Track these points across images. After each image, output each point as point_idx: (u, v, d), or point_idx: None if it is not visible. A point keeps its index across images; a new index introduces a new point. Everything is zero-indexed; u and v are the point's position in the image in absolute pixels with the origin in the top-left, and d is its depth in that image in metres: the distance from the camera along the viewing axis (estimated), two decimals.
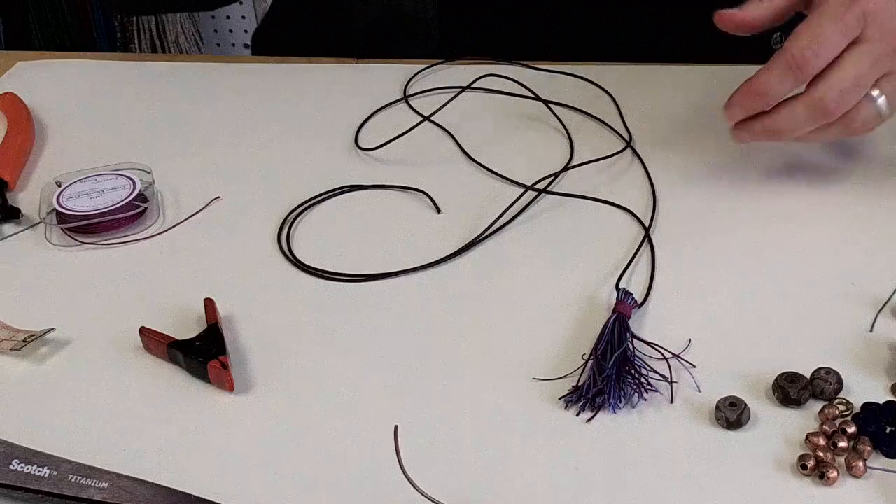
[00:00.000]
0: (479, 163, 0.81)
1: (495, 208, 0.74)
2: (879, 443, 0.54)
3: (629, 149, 0.82)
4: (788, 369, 0.59)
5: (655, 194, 0.76)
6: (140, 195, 0.76)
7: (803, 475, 0.53)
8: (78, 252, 0.73)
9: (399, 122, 0.85)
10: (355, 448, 0.56)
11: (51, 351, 0.64)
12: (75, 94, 0.94)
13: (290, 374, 0.62)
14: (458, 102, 0.86)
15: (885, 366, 0.60)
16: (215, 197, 0.78)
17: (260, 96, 0.91)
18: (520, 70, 0.92)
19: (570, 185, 0.78)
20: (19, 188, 0.81)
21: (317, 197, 0.78)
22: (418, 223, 0.75)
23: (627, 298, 0.63)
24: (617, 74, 0.91)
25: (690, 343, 0.62)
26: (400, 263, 0.70)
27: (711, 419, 0.57)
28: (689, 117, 0.86)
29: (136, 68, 0.98)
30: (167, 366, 0.63)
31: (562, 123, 0.85)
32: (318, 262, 0.71)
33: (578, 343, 0.62)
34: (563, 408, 0.58)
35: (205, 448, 0.57)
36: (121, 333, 0.65)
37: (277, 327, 0.65)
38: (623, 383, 0.58)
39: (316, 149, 0.84)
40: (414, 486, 0.50)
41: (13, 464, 0.54)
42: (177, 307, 0.67)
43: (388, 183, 0.79)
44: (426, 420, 0.58)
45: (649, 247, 0.71)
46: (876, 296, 0.65)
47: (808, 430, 0.56)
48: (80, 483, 0.53)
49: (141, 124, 0.89)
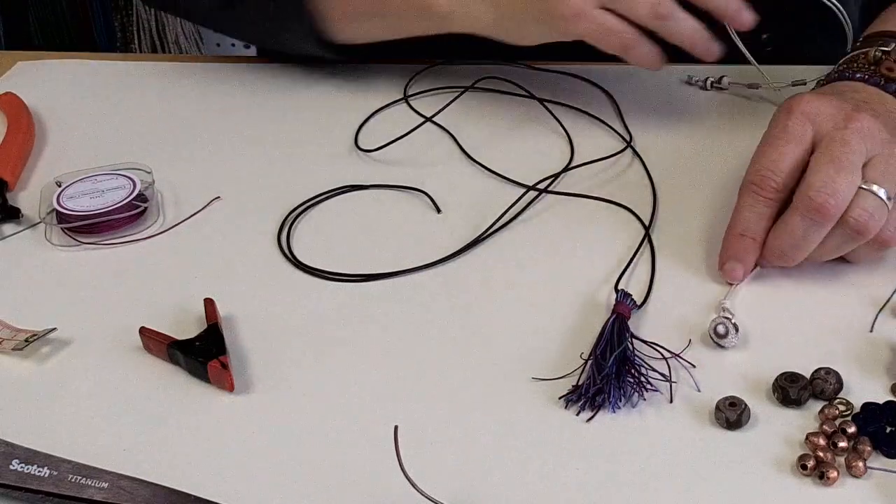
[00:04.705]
0: (479, 163, 0.81)
1: (495, 208, 0.74)
2: (879, 443, 0.54)
3: (629, 149, 0.82)
4: (788, 369, 0.59)
5: (655, 194, 0.76)
6: (140, 195, 0.76)
7: (803, 475, 0.53)
8: (78, 252, 0.73)
9: (399, 123, 0.85)
10: (355, 448, 0.56)
11: (52, 351, 0.64)
12: (75, 94, 0.94)
13: (290, 374, 0.62)
14: (459, 102, 0.86)
15: (885, 366, 0.60)
16: (215, 197, 0.78)
17: (260, 96, 0.91)
18: (520, 70, 0.92)
19: (570, 185, 0.78)
20: (19, 188, 0.81)
21: (317, 197, 0.78)
22: (418, 223, 0.75)
23: (626, 299, 0.63)
24: (617, 74, 0.91)
25: (690, 343, 0.62)
26: (400, 263, 0.70)
27: (711, 419, 0.57)
28: (690, 117, 0.86)
29: (136, 68, 0.98)
30: (167, 366, 0.63)
31: (560, 124, 0.85)
32: (318, 262, 0.71)
33: (578, 343, 0.62)
34: (563, 407, 0.58)
35: (205, 448, 0.57)
36: (121, 333, 0.65)
37: (277, 327, 0.65)
38: (623, 383, 0.58)
39: (316, 149, 0.84)
40: (414, 486, 0.50)
41: (13, 464, 0.54)
42: (177, 307, 0.67)
43: (388, 183, 0.79)
44: (426, 420, 0.58)
45: (649, 247, 0.71)
46: (876, 296, 0.65)
47: (808, 430, 0.56)
48: (80, 483, 0.53)
49: (141, 124, 0.89)
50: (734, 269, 0.66)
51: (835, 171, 0.63)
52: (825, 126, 0.65)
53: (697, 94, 0.89)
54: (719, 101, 0.88)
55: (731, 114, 0.86)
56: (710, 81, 0.89)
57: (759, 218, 0.66)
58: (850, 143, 0.63)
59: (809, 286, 0.66)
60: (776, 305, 0.65)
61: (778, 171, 0.65)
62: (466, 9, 0.80)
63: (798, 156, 0.65)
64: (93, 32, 1.94)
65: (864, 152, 0.64)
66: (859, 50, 0.75)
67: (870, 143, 0.64)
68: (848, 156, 0.63)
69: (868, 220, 0.63)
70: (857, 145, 0.63)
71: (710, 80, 0.89)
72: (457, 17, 0.81)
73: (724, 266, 0.66)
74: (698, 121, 0.85)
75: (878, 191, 0.63)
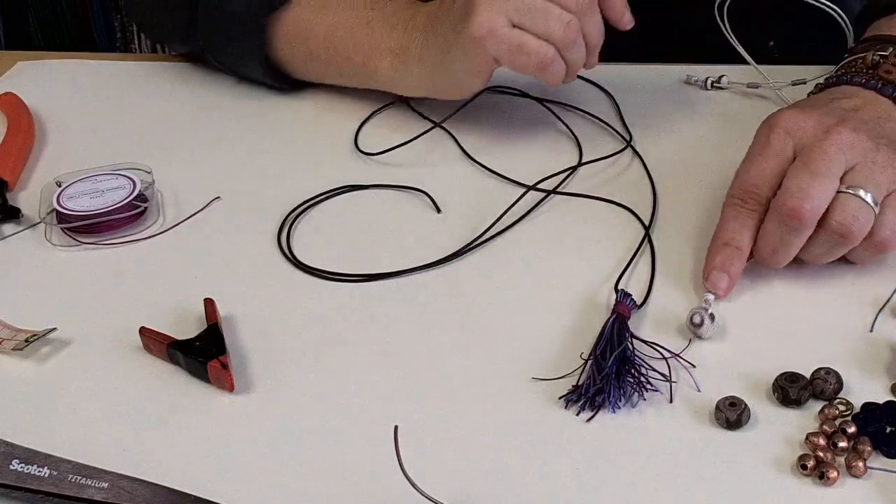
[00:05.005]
0: (479, 163, 0.81)
1: (495, 208, 0.74)
2: (879, 443, 0.54)
3: (629, 149, 0.82)
4: (788, 369, 0.59)
5: (656, 194, 0.76)
6: (140, 195, 0.76)
7: (803, 475, 0.53)
8: (78, 252, 0.73)
9: (399, 123, 0.85)
10: (355, 448, 0.56)
11: (52, 351, 0.64)
12: (75, 94, 0.94)
13: (290, 374, 0.62)
14: (458, 102, 0.86)
15: (885, 366, 0.60)
16: (215, 197, 0.78)
17: (260, 96, 0.91)
18: None
19: (569, 184, 0.78)
20: (19, 188, 0.81)
21: (317, 197, 0.78)
22: (418, 223, 0.75)
23: (626, 299, 0.63)
24: (617, 74, 0.91)
25: (690, 343, 0.62)
26: (400, 263, 0.70)
27: (711, 419, 0.57)
28: (690, 117, 0.86)
29: (136, 68, 0.98)
30: (167, 366, 0.63)
31: (565, 124, 0.85)
32: (318, 262, 0.71)
33: (578, 343, 0.62)
34: (563, 407, 0.58)
35: (205, 448, 0.57)
36: (121, 333, 0.65)
37: (277, 327, 0.65)
38: (623, 383, 0.58)
39: (316, 149, 0.84)
40: (414, 486, 0.50)
41: (13, 464, 0.54)
42: (177, 307, 0.67)
43: (388, 183, 0.79)
44: (426, 420, 0.58)
45: (649, 247, 0.71)
46: (876, 296, 0.65)
47: (808, 430, 0.56)
48: (80, 483, 0.53)
49: (141, 124, 0.89)
50: (720, 280, 0.65)
51: (810, 176, 0.63)
52: (805, 140, 0.65)
53: (697, 94, 0.89)
54: (719, 101, 0.88)
55: (731, 113, 0.86)
56: (709, 81, 0.89)
57: (742, 227, 0.66)
58: (829, 153, 0.64)
59: (810, 286, 0.66)
60: (776, 306, 0.65)
61: (760, 184, 0.66)
62: (405, 69, 0.82)
63: (780, 169, 0.66)
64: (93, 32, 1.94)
65: (844, 162, 0.64)
66: (857, 54, 0.75)
67: (850, 153, 0.64)
68: (825, 163, 0.63)
69: (852, 222, 0.63)
70: (836, 155, 0.64)
71: (709, 80, 0.89)
72: (398, 81, 0.83)
73: (710, 276, 0.66)
74: (698, 121, 0.85)
75: (863, 194, 0.63)
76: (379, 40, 0.83)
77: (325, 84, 0.90)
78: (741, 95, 0.88)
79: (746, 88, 0.88)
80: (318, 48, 0.86)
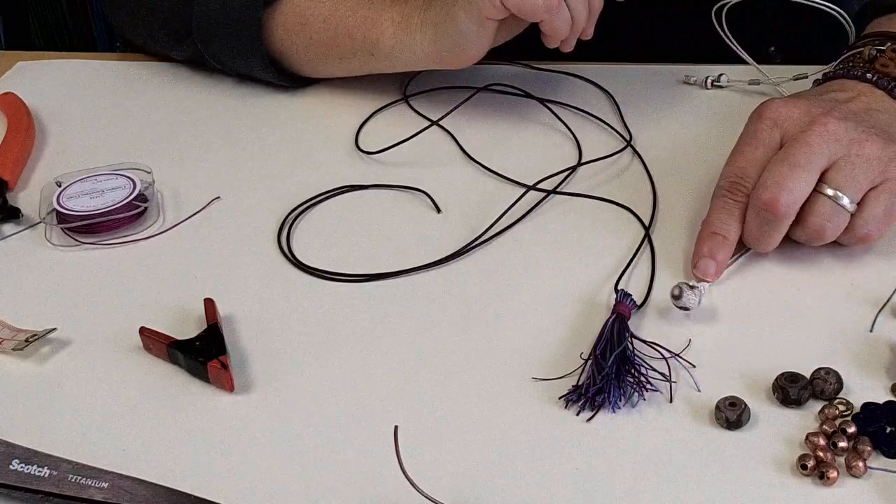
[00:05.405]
0: (479, 163, 0.81)
1: (495, 208, 0.74)
2: (879, 443, 0.55)
3: (629, 148, 0.82)
4: (788, 369, 0.59)
5: (655, 194, 0.76)
6: (140, 195, 0.76)
7: (803, 475, 0.53)
8: (78, 252, 0.73)
9: (399, 123, 0.85)
10: (355, 448, 0.56)
11: (52, 351, 0.64)
12: (75, 94, 0.94)
13: (290, 374, 0.62)
14: (458, 100, 0.86)
15: (885, 366, 0.60)
16: (215, 197, 0.78)
17: (260, 96, 0.91)
18: (520, 70, 0.92)
19: (569, 184, 0.78)
20: (19, 188, 0.81)
21: (317, 197, 0.78)
22: (418, 223, 0.75)
23: (626, 299, 0.63)
24: (617, 74, 0.91)
25: (690, 343, 0.62)
26: (400, 263, 0.70)
27: (711, 419, 0.57)
28: (689, 117, 0.86)
29: (136, 68, 0.98)
30: (167, 366, 0.63)
31: (564, 123, 0.85)
32: (318, 262, 0.71)
33: (578, 343, 0.62)
34: (563, 407, 0.58)
35: (205, 448, 0.57)
36: (121, 333, 0.65)
37: (277, 327, 0.65)
38: (623, 382, 0.58)
39: (316, 149, 0.84)
40: (414, 486, 0.50)
41: (13, 464, 0.54)
42: (177, 307, 0.67)
43: (388, 183, 0.79)
44: (426, 420, 0.58)
45: (649, 247, 0.71)
46: (876, 296, 0.65)
47: (808, 430, 0.56)
48: (80, 483, 0.53)
49: (141, 124, 0.89)
50: (707, 266, 0.66)
51: (788, 169, 0.64)
52: (792, 129, 0.67)
53: (697, 94, 0.89)
54: (719, 100, 0.88)
55: (731, 112, 0.86)
56: (709, 80, 0.89)
57: (729, 217, 0.67)
58: (811, 144, 0.65)
59: (809, 286, 0.66)
60: (776, 306, 0.65)
61: (747, 175, 0.67)
62: (408, 37, 0.81)
63: (766, 159, 0.67)
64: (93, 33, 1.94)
65: (827, 154, 0.64)
66: (855, 50, 0.75)
67: (834, 145, 0.65)
68: (806, 155, 0.64)
69: (823, 225, 0.65)
70: (819, 147, 0.64)
71: (709, 79, 0.89)
72: (400, 52, 0.82)
73: (697, 263, 0.67)
74: (698, 120, 0.85)
75: (839, 196, 0.64)
76: (380, 12, 0.83)
77: (326, 83, 0.91)
78: (741, 94, 0.88)
79: (747, 86, 0.88)
80: (318, 31, 0.85)
